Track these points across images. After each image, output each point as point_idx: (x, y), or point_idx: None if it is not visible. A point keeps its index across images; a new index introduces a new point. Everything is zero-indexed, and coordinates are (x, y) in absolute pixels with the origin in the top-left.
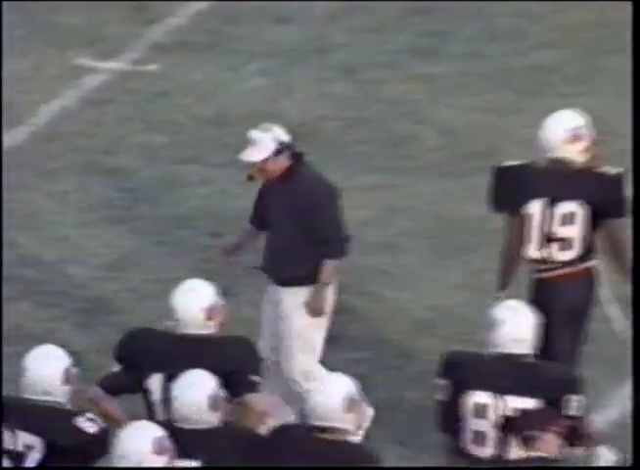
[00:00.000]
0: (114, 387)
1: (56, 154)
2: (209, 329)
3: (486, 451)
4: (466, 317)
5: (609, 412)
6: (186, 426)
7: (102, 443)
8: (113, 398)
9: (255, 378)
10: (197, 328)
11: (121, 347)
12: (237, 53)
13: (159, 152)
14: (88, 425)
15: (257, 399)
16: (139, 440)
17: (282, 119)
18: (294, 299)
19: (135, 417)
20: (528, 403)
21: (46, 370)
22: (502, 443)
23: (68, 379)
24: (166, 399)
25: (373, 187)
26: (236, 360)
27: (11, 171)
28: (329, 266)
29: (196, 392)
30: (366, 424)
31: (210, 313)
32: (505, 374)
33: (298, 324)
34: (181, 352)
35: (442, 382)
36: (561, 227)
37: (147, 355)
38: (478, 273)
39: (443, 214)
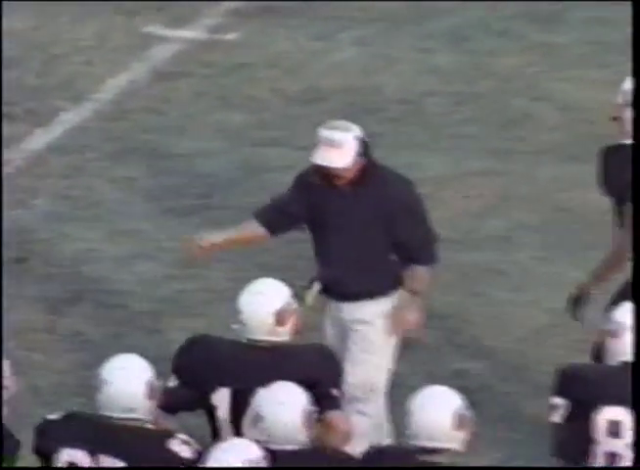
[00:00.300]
0: (171, 404)
1: (122, 134)
2: (281, 336)
3: None
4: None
5: None
6: (274, 447)
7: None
8: (170, 416)
9: (337, 392)
10: (265, 334)
11: (180, 357)
12: (328, 19)
13: (238, 133)
14: (183, 449)
15: (341, 418)
16: (233, 460)
17: (380, 95)
18: (375, 308)
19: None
20: None
21: (130, 384)
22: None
23: (151, 393)
24: (236, 417)
25: (483, 173)
26: (314, 372)
27: (71, 155)
28: (421, 273)
29: (289, 409)
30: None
31: (281, 318)
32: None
33: (378, 337)
34: (249, 362)
35: (560, 401)
36: None
37: (210, 367)
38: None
39: (564, 204)
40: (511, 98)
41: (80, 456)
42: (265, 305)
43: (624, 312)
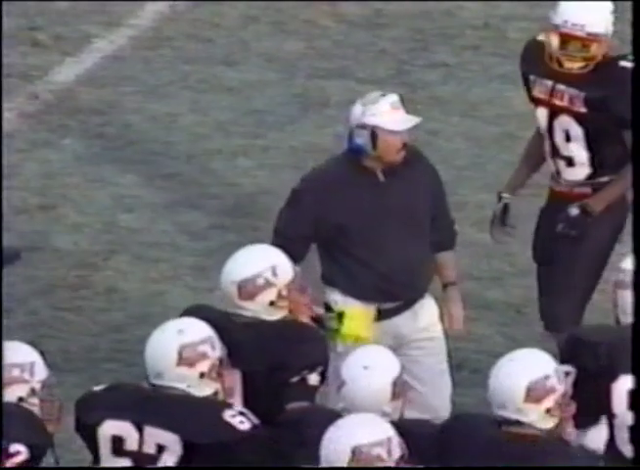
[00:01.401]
0: None
1: (162, 65)
2: (249, 310)
3: None
4: None
5: None
6: None
7: (254, 443)
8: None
9: (312, 379)
10: (232, 306)
11: None
12: None
13: (293, 63)
14: (238, 420)
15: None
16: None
17: (454, 19)
18: (432, 309)
19: None
20: None
21: (160, 347)
22: None
23: (182, 360)
24: None
25: None
26: (285, 353)
27: (105, 88)
28: (453, 259)
29: (373, 374)
30: None
31: (245, 290)
32: None
33: (442, 341)
34: (228, 338)
35: (568, 368)
36: None
37: None
38: None
39: None
40: None
41: (126, 428)
42: (231, 274)
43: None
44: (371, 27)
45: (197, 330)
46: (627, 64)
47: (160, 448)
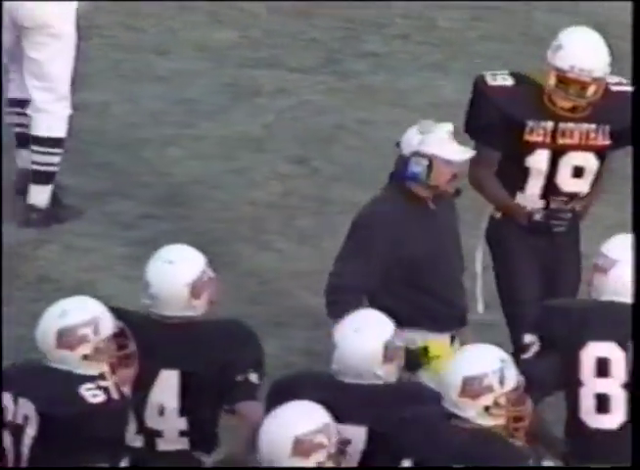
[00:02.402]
0: None
1: (92, 54)
2: (195, 310)
3: (614, 420)
4: None
5: None
6: (347, 380)
7: (106, 417)
8: None
9: (254, 378)
10: (179, 309)
11: None
12: None
13: (224, 52)
14: (91, 393)
15: (252, 408)
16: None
17: (384, 9)
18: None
19: None
20: None
21: (42, 331)
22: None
23: (67, 343)
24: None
25: None
26: (229, 352)
27: None
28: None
29: (364, 337)
30: None
31: (197, 290)
32: (627, 320)
33: None
34: (159, 341)
35: (534, 338)
36: None
37: None
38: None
39: None
40: (533, 10)
41: (7, 399)
42: (179, 277)
43: (615, 246)
44: (302, 17)
45: (79, 313)
46: (628, 88)
47: (26, 419)
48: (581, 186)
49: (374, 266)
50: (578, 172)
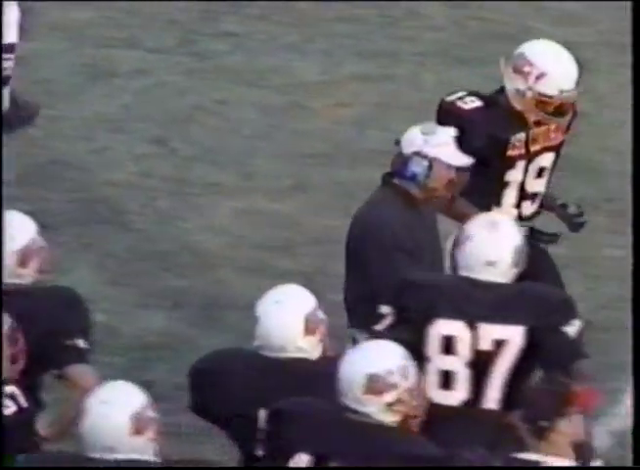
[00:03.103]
0: None
1: None
2: (23, 278)
3: (456, 396)
4: None
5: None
6: (271, 354)
7: (17, 428)
8: None
9: (83, 343)
10: (6, 277)
11: None
12: None
13: (82, 31)
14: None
15: (82, 372)
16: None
17: None
18: None
19: None
20: (510, 333)
21: None
22: (476, 385)
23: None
24: None
25: (360, 78)
26: (57, 319)
27: None
28: None
29: (285, 309)
30: None
31: (25, 257)
32: (479, 299)
33: None
34: None
35: (388, 309)
36: None
37: None
38: None
39: None
40: None
41: None
42: (9, 244)
43: (473, 222)
44: None
45: None
46: None
47: None
48: (541, 185)
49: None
50: (540, 172)
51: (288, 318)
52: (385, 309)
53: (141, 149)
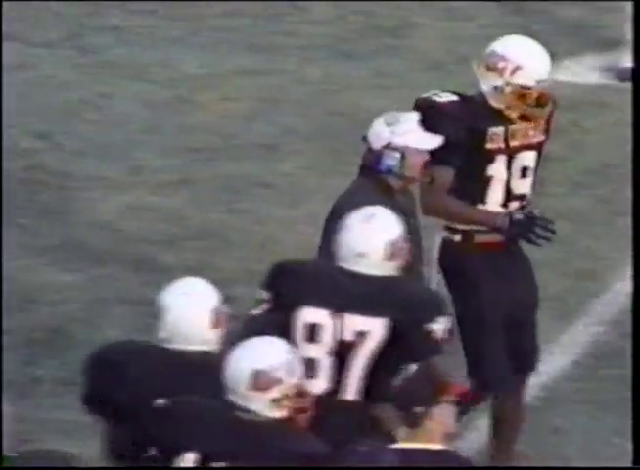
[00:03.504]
0: None
1: None
2: None
3: (319, 385)
4: None
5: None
6: (177, 346)
7: None
8: None
9: None
10: None
11: None
12: None
13: None
14: None
15: None
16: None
17: None
18: None
19: None
20: (371, 324)
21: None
22: (337, 374)
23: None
24: None
25: (246, 72)
26: None
27: None
28: None
29: (198, 302)
30: None
31: None
32: (345, 289)
33: None
34: None
35: (265, 294)
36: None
37: None
38: None
39: (337, 108)
40: None
41: None
42: None
43: (353, 214)
44: None
45: None
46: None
47: None
48: (527, 187)
49: None
50: (525, 173)
51: (196, 310)
52: (263, 294)
53: (26, 143)
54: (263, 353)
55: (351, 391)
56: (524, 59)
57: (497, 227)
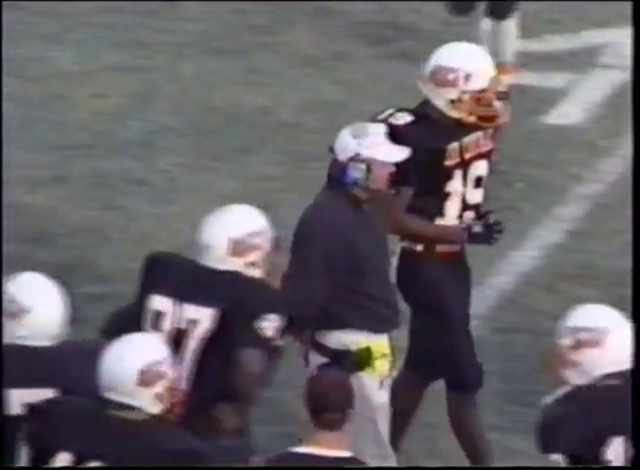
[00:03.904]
0: None
1: None
2: None
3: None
4: None
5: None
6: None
7: None
8: None
9: None
10: None
11: None
12: None
13: None
14: None
15: None
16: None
17: None
18: None
19: None
20: (202, 313)
21: None
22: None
23: None
24: None
25: (120, 69)
26: None
27: None
28: None
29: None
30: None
31: None
32: (187, 279)
33: None
34: None
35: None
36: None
37: None
38: (257, 180)
39: (212, 104)
40: None
41: None
42: None
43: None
44: None
45: None
46: None
47: None
48: (480, 196)
49: (323, 276)
50: (479, 182)
51: (53, 306)
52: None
53: None
54: (147, 350)
55: (184, 379)
56: (471, 64)
57: (458, 242)
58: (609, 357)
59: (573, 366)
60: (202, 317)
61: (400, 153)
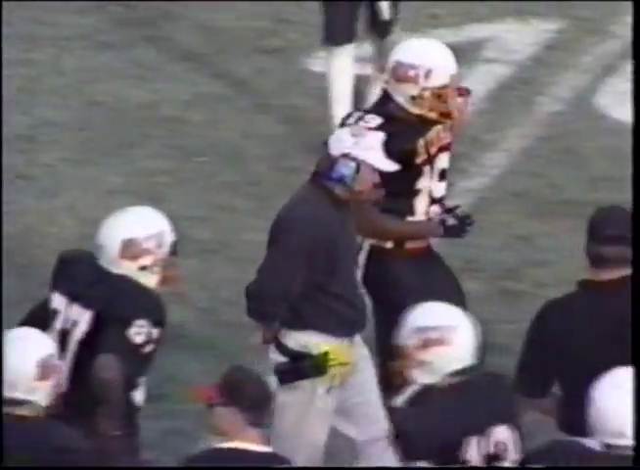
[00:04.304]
0: None
1: None
2: None
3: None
4: None
5: None
6: None
7: None
8: None
9: None
10: None
11: None
12: None
13: None
14: None
15: None
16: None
17: None
18: None
19: None
20: (81, 315)
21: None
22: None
23: None
24: None
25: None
26: None
27: None
28: None
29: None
30: None
31: None
32: (80, 280)
33: None
34: None
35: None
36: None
37: None
38: (142, 175)
39: (97, 98)
40: None
41: None
42: None
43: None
44: None
45: None
46: None
47: None
48: (444, 189)
49: (299, 272)
50: (443, 175)
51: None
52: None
53: None
54: (42, 343)
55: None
56: (432, 60)
57: (434, 236)
58: (456, 355)
59: (421, 366)
60: (81, 319)
61: (389, 165)
